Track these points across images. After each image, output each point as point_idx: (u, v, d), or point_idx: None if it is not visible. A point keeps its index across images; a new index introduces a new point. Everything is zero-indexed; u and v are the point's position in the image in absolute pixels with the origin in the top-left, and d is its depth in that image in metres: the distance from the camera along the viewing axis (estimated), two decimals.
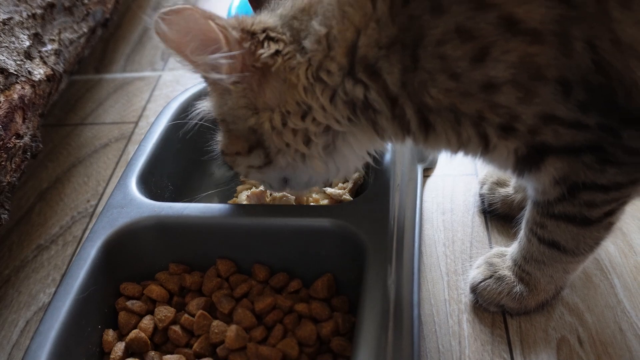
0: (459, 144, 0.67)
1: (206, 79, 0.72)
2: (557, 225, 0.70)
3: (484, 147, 0.66)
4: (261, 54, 0.65)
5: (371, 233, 0.73)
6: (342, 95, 0.66)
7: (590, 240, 0.71)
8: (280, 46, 0.65)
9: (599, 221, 0.68)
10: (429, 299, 0.83)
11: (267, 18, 0.67)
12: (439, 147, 0.69)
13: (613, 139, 0.61)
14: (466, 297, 0.83)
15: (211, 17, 0.63)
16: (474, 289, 0.81)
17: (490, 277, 0.80)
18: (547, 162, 0.64)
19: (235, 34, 0.64)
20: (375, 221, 0.74)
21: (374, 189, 0.81)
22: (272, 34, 0.66)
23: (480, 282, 0.80)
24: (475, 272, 0.82)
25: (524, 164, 0.66)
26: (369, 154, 0.75)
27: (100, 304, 0.75)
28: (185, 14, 0.62)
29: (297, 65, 0.65)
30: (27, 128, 0.91)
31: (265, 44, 0.65)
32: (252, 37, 0.65)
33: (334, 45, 0.63)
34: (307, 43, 0.65)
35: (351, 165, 0.76)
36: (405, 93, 0.63)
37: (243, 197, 0.91)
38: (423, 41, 0.60)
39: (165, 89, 1.40)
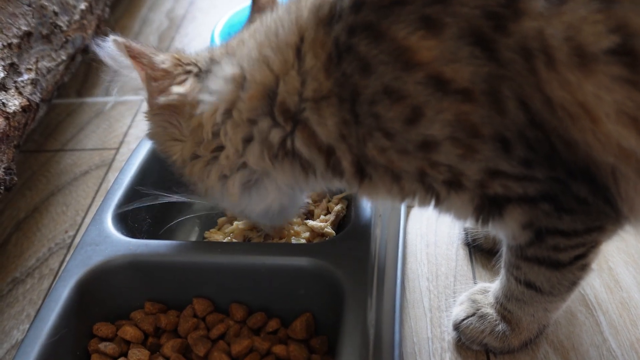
0: (402, 195, 0.66)
1: None
2: (531, 267, 0.68)
3: (436, 199, 0.65)
4: (168, 94, 0.67)
5: (350, 272, 0.71)
6: (257, 135, 0.66)
7: (565, 281, 0.69)
8: (188, 88, 0.66)
9: (570, 264, 0.67)
10: (411, 337, 0.81)
11: (202, 57, 0.69)
12: (377, 196, 0.68)
13: (564, 188, 0.59)
14: (449, 335, 0.81)
15: (138, 54, 0.65)
16: (456, 327, 0.79)
17: (473, 314, 0.78)
18: (508, 210, 0.63)
19: (152, 72, 0.66)
20: (355, 259, 0.73)
21: (355, 224, 0.79)
22: (190, 76, 0.67)
23: (463, 319, 0.79)
24: (458, 310, 0.80)
25: (484, 213, 0.64)
26: (293, 189, 0.74)
27: (73, 347, 0.72)
28: (124, 45, 0.65)
29: (203, 107, 0.66)
30: (1, 161, 0.89)
31: (174, 88, 0.66)
32: (169, 77, 0.67)
33: (247, 87, 0.64)
34: (213, 85, 0.66)
35: (273, 201, 0.74)
36: (344, 145, 0.63)
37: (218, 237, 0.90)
38: (359, 98, 0.59)
39: None
